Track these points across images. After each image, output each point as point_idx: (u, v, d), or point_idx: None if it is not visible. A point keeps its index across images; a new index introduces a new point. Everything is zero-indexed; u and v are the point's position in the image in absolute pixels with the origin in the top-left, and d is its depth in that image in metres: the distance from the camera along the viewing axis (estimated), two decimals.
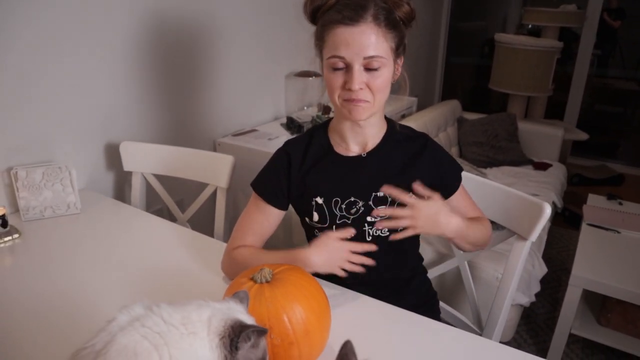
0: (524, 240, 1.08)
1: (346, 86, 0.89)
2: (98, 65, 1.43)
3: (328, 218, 0.98)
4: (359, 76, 0.88)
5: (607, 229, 1.96)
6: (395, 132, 1.02)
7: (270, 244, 1.80)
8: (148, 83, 1.60)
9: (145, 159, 1.45)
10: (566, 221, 2.99)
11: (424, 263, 1.17)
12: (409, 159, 1.00)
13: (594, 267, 1.69)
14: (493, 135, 2.98)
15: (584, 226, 2.00)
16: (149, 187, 1.49)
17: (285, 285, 0.71)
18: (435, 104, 3.11)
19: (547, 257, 2.59)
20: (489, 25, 5.05)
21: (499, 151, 2.94)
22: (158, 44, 1.60)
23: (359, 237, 0.98)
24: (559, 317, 1.72)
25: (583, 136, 3.44)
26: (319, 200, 0.98)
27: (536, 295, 1.77)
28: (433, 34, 4.12)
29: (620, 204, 2.22)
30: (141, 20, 1.52)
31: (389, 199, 0.97)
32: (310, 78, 2.22)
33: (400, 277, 1.08)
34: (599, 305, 1.88)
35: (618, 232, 1.94)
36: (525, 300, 1.59)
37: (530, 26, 4.41)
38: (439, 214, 0.90)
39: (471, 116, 3.14)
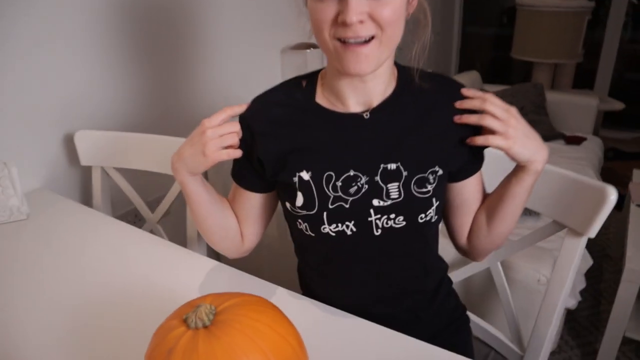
0: (578, 236, 0.82)
1: (339, 19, 0.62)
2: (54, 42, 1.19)
3: (317, 200, 0.72)
4: (358, 4, 0.61)
5: None
6: (410, 83, 0.75)
7: (266, 243, 1.57)
8: (119, 62, 1.35)
9: (105, 150, 1.21)
10: None
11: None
12: (432, 112, 0.73)
13: None
14: (518, 108, 2.66)
15: (632, 208, 1.70)
16: (116, 185, 1.26)
17: (230, 331, 0.47)
18: (452, 76, 2.81)
19: None
20: None
21: None
22: (131, 16, 1.35)
23: (364, 231, 0.73)
24: (610, 318, 1.45)
25: (618, 106, 3.10)
26: (305, 175, 0.72)
27: (581, 292, 1.50)
28: (447, 2, 3.79)
29: None
30: None
31: (404, 173, 0.70)
32: (308, 50, 1.95)
33: (421, 289, 0.82)
34: None
35: None
36: (573, 302, 1.33)
37: None
38: (531, 131, 0.70)
39: (492, 88, 2.83)
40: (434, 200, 0.72)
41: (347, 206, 0.71)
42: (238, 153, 0.72)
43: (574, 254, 0.82)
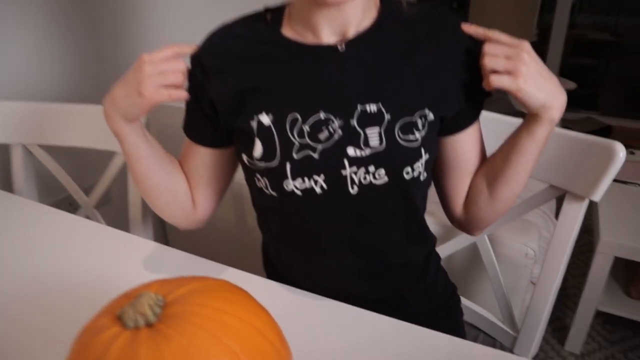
0: (579, 201, 0.73)
1: None
2: None
3: (278, 149, 0.59)
4: None
5: (626, 183, 1.66)
6: (396, 12, 0.63)
7: (221, 227, 1.42)
8: (42, 20, 1.16)
9: (26, 124, 1.02)
10: None
11: None
12: (422, 45, 0.61)
13: (623, 229, 1.38)
14: None
15: None
16: (44, 167, 1.07)
17: (186, 329, 0.33)
18: None
19: None
20: None
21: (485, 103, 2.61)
22: None
23: (337, 188, 0.60)
24: (584, 291, 1.41)
25: (572, 85, 3.16)
26: (265, 118, 0.59)
27: None
28: None
29: (633, 153, 1.93)
30: None
31: (387, 116, 0.58)
32: None
33: (406, 262, 0.70)
34: (622, 275, 1.59)
35: (639, 186, 1.65)
36: None
37: None
38: (546, 70, 0.57)
39: None
40: (422, 151, 0.60)
41: (316, 156, 0.58)
42: (182, 94, 0.59)
43: (575, 220, 0.74)
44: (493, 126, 0.79)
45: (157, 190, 0.67)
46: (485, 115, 0.74)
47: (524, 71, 0.54)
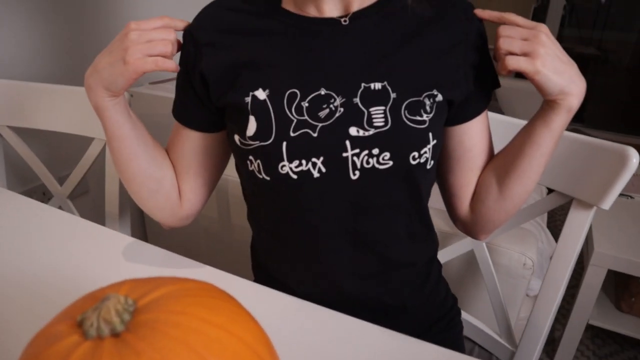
0: (587, 209, 0.69)
1: None
2: None
3: (274, 126, 0.54)
4: None
5: (619, 195, 1.65)
6: None
7: (203, 225, 1.35)
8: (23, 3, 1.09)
9: None
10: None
11: None
12: (432, 24, 0.57)
13: (617, 241, 1.35)
14: None
15: None
16: (15, 153, 1.00)
17: (160, 341, 0.27)
18: None
19: None
20: None
21: None
22: None
23: (337, 172, 0.55)
24: (576, 304, 1.38)
25: None
26: (261, 94, 0.54)
27: None
28: None
29: None
30: None
31: (392, 95, 0.54)
32: None
33: (408, 261, 0.64)
34: (612, 288, 1.57)
35: (631, 198, 1.63)
36: None
37: None
38: (565, 54, 0.53)
39: None
40: (430, 136, 0.55)
41: (315, 135, 0.53)
42: (169, 64, 0.54)
43: (582, 229, 0.70)
44: (496, 128, 0.75)
45: (140, 177, 0.61)
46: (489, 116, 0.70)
47: (542, 53, 0.50)
